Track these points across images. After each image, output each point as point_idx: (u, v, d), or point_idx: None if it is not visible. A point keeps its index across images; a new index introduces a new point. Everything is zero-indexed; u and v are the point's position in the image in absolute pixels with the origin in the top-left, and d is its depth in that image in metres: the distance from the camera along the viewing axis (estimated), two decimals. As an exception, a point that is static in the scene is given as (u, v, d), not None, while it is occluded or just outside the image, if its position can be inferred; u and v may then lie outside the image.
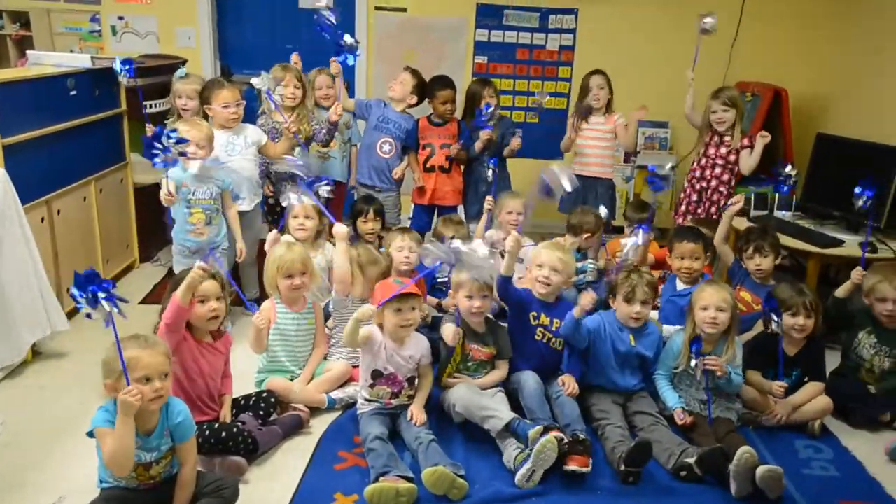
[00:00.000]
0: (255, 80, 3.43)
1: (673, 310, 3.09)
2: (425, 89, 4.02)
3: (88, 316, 1.87)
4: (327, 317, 3.05)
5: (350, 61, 3.49)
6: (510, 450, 2.42)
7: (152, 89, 4.08)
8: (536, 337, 2.79)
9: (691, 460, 2.38)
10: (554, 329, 2.79)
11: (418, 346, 2.64)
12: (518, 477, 2.33)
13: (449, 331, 2.61)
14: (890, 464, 2.63)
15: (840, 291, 2.98)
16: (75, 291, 1.85)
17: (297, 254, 2.79)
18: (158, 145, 2.67)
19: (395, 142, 4.00)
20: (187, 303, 2.32)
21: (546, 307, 2.80)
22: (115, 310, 1.86)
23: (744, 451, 2.31)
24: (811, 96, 4.80)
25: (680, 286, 3.20)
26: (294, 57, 3.83)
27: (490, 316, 2.77)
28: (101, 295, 1.84)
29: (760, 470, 2.28)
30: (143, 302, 3.74)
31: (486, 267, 2.52)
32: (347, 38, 3.46)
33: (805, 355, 2.83)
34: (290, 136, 3.51)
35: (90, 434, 1.94)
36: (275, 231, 3.22)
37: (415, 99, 4.03)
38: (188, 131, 3.07)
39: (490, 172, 3.54)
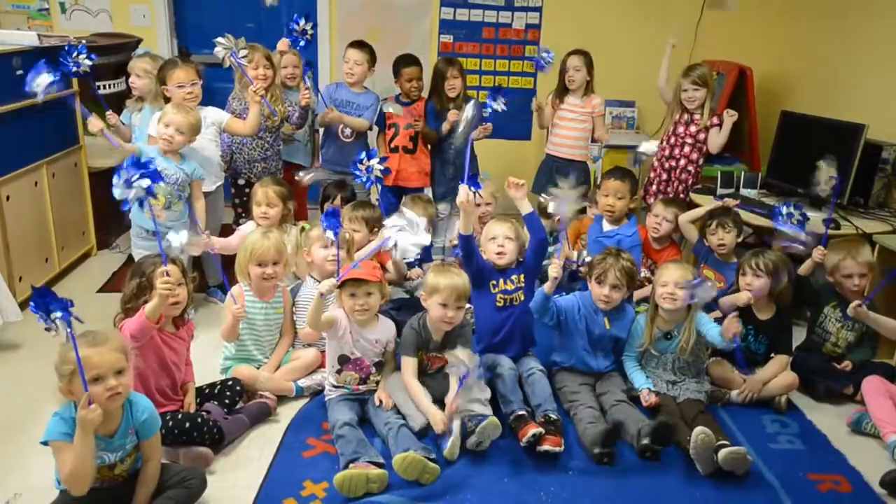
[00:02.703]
0: (217, 50, 3.26)
1: (599, 250, 3.06)
2: (375, 55, 3.91)
3: (48, 330, 1.77)
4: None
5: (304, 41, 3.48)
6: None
7: (106, 70, 3.94)
8: (498, 304, 2.77)
9: (647, 441, 2.39)
10: (513, 287, 2.77)
11: (385, 330, 2.60)
12: (469, 443, 2.38)
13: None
14: (852, 435, 2.69)
15: (802, 270, 3.02)
16: (33, 306, 1.77)
17: (271, 241, 2.71)
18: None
19: None
20: (156, 318, 2.24)
21: (503, 272, 2.78)
22: (68, 330, 1.77)
23: (698, 433, 2.32)
24: (775, 75, 4.84)
25: (606, 227, 3.24)
26: (281, 44, 3.70)
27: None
28: (56, 315, 1.75)
29: (722, 453, 2.30)
30: (102, 290, 3.63)
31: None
32: (301, 23, 3.37)
33: (775, 323, 2.88)
34: (257, 101, 3.32)
35: (45, 443, 1.85)
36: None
37: (374, 72, 3.95)
38: (174, 114, 3.00)
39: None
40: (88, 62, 2.90)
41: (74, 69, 2.90)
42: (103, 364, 1.81)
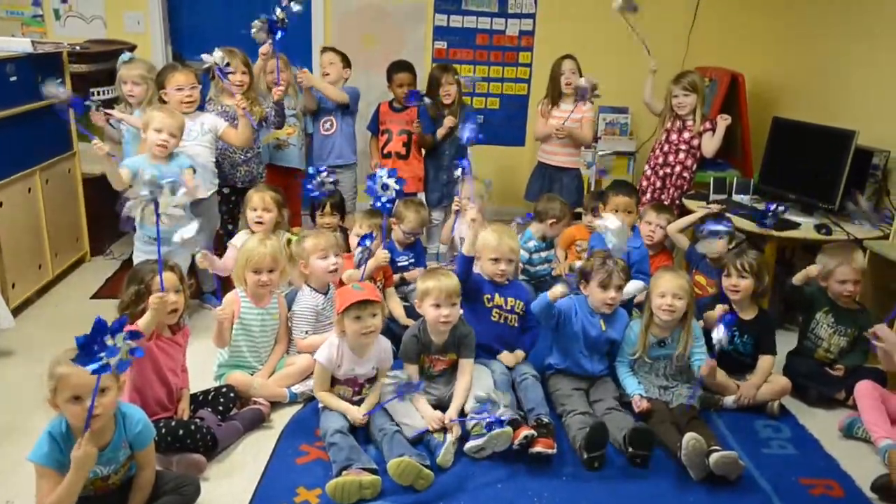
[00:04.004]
0: (206, 56, 3.30)
1: None
2: (347, 57, 3.99)
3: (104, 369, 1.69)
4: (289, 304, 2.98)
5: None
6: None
7: (99, 76, 3.94)
8: (493, 318, 2.79)
9: (631, 449, 2.40)
10: (509, 307, 2.80)
11: (379, 352, 2.58)
12: (468, 445, 2.38)
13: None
14: (844, 440, 2.70)
15: (797, 279, 3.03)
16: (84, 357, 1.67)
17: (269, 249, 2.70)
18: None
19: (335, 119, 3.97)
20: (148, 335, 2.24)
21: (498, 287, 2.81)
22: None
23: (689, 439, 2.33)
24: (767, 81, 4.87)
25: None
26: (264, 49, 3.70)
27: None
28: (121, 339, 1.68)
29: (714, 458, 2.31)
30: (96, 297, 3.62)
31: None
32: (279, 13, 3.37)
33: (758, 323, 2.91)
34: (241, 115, 3.35)
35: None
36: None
37: (349, 72, 4.00)
38: (163, 118, 2.97)
39: (459, 172, 3.34)
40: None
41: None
42: (83, 384, 1.75)
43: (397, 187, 2.92)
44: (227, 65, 3.34)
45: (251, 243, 2.74)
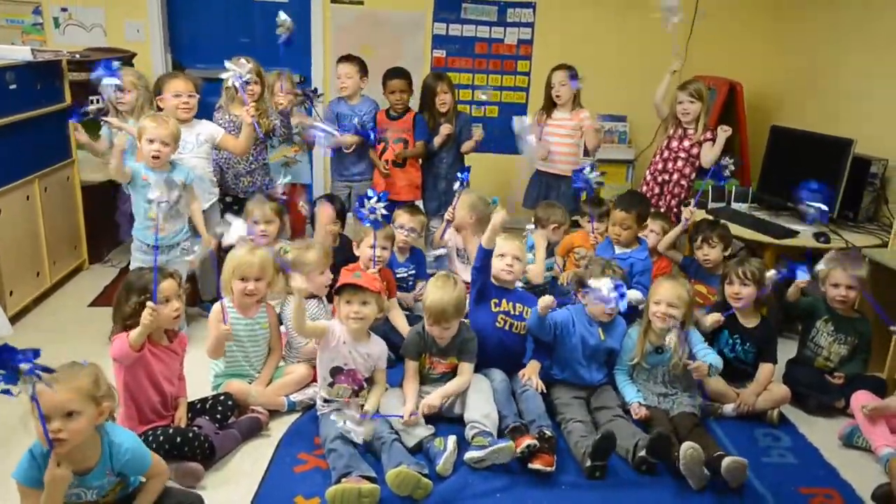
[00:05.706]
0: (229, 63, 3.25)
1: None
2: (365, 65, 4.01)
3: (7, 392, 1.62)
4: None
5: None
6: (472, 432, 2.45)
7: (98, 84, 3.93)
8: (498, 324, 2.79)
9: (644, 453, 2.39)
10: (517, 313, 2.79)
11: (377, 346, 2.61)
12: (467, 456, 2.37)
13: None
14: (844, 449, 2.69)
15: (790, 295, 3.02)
16: None
17: (256, 258, 2.66)
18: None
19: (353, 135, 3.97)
20: (139, 346, 2.23)
21: (505, 293, 2.82)
22: (36, 381, 1.62)
23: (687, 448, 2.32)
24: (765, 90, 4.89)
25: (617, 250, 3.26)
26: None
27: (464, 319, 2.72)
28: (23, 367, 1.59)
29: (725, 462, 2.30)
30: (93, 304, 3.62)
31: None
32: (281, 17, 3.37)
33: (760, 331, 2.91)
34: (249, 122, 3.31)
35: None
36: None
37: (366, 81, 4.02)
38: (154, 128, 2.95)
39: (457, 185, 3.42)
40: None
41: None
42: (50, 404, 1.68)
43: (385, 213, 2.92)
44: (248, 79, 3.30)
45: (240, 251, 2.67)
